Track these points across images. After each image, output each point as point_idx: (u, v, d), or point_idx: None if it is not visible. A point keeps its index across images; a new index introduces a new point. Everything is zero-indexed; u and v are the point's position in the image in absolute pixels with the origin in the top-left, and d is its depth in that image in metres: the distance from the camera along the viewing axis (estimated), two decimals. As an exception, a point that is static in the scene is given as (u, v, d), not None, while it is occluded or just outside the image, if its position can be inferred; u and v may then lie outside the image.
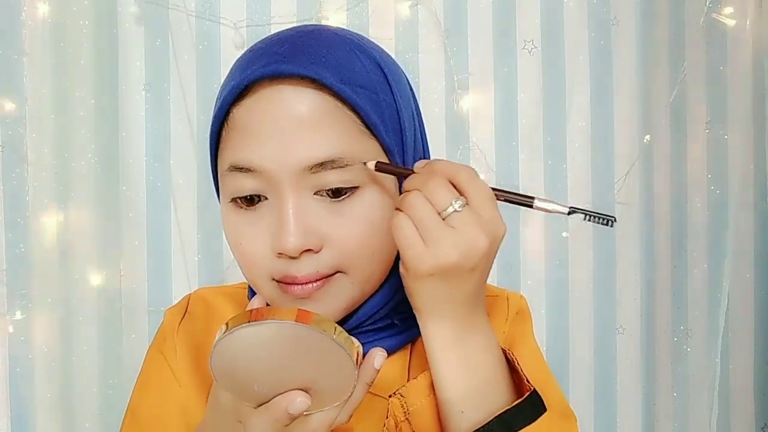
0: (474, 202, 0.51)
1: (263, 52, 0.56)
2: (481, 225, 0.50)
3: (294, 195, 0.54)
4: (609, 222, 0.54)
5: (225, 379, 0.49)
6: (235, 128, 0.55)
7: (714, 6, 1.35)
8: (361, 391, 0.51)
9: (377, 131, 0.55)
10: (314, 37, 0.57)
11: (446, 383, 0.55)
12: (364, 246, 0.55)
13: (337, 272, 0.56)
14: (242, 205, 0.56)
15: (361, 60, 0.57)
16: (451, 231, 0.50)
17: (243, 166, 0.54)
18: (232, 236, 0.58)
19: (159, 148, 1.26)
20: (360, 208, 0.55)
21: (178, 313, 0.69)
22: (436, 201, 0.51)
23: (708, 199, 1.39)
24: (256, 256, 0.56)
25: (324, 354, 0.47)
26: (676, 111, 1.36)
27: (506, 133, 1.33)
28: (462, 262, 0.50)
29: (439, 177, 0.51)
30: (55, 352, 1.22)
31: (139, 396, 0.67)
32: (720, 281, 1.39)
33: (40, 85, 1.21)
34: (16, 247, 1.21)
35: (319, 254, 0.55)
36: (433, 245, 0.50)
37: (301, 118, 0.53)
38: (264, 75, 0.53)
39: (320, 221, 0.54)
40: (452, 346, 0.54)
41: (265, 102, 0.54)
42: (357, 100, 0.54)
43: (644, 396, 1.38)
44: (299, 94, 0.53)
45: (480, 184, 0.52)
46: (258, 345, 0.46)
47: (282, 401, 0.48)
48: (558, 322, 1.35)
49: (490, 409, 0.54)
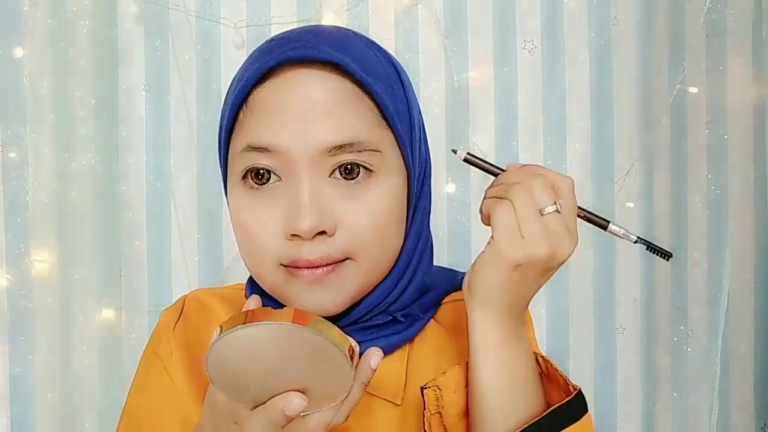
0: (565, 211, 0.54)
1: (287, 39, 0.57)
2: (569, 233, 0.54)
3: (310, 177, 0.55)
4: (667, 257, 0.59)
5: (221, 381, 0.49)
6: (255, 109, 0.56)
7: (714, 6, 1.35)
8: (358, 391, 0.51)
9: (393, 122, 0.57)
10: (334, 30, 0.60)
11: (491, 381, 0.56)
12: (376, 230, 0.56)
13: (346, 258, 0.56)
14: (253, 184, 0.56)
15: (377, 55, 0.59)
16: (547, 229, 0.53)
17: (261, 146, 0.55)
18: (240, 219, 0.58)
19: (159, 148, 1.26)
20: (374, 193, 0.56)
21: (174, 314, 0.68)
22: (539, 199, 0.53)
23: (708, 199, 1.39)
24: (265, 239, 0.56)
25: (320, 355, 0.47)
26: (676, 111, 1.36)
27: (506, 133, 1.33)
28: (548, 261, 0.53)
29: (544, 178, 0.54)
30: (56, 352, 1.22)
31: (135, 397, 0.66)
32: (720, 281, 1.39)
33: (40, 85, 1.21)
34: (16, 247, 1.22)
35: (332, 238, 0.55)
36: (529, 237, 0.53)
37: (323, 101, 0.54)
38: (290, 58, 0.55)
39: (335, 204, 0.55)
40: (503, 345, 0.56)
41: (289, 84, 0.55)
42: (377, 90, 0.56)
43: (644, 396, 1.38)
44: (322, 79, 0.55)
45: (573, 197, 0.55)
46: (254, 346, 0.46)
47: (279, 402, 0.48)
48: (558, 322, 1.35)
49: (530, 410, 0.56)
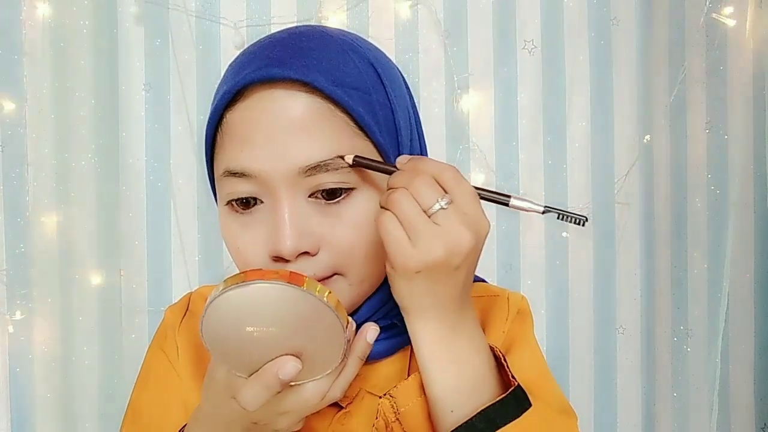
0: (458, 201, 0.51)
1: (255, 56, 0.56)
2: (466, 223, 0.51)
3: (289, 198, 0.54)
4: (581, 222, 0.55)
5: (217, 345, 0.49)
6: (228, 133, 0.55)
7: (714, 6, 1.35)
8: (354, 366, 0.51)
9: (371, 132, 0.55)
10: (306, 38, 0.57)
11: (434, 382, 0.55)
12: (360, 247, 0.55)
13: (334, 274, 0.56)
14: (238, 209, 0.56)
15: (354, 61, 0.57)
16: (437, 228, 0.50)
17: (237, 171, 0.54)
18: (229, 239, 0.58)
19: (159, 148, 1.26)
20: (355, 209, 0.55)
21: (180, 311, 0.69)
22: (422, 199, 0.51)
23: (708, 199, 1.39)
24: (253, 260, 0.56)
25: (314, 317, 0.47)
26: (676, 111, 1.36)
27: (506, 133, 1.33)
28: (448, 260, 0.51)
29: (425, 175, 0.51)
30: (55, 352, 1.22)
31: (141, 393, 0.67)
32: (720, 281, 1.39)
33: (40, 85, 1.21)
34: (16, 247, 1.22)
35: (316, 257, 0.55)
36: (419, 243, 0.50)
37: (293, 121, 0.53)
38: (255, 79, 0.54)
39: (315, 224, 0.55)
40: (440, 345, 0.55)
41: (258, 106, 0.54)
42: (349, 102, 0.54)
43: (644, 396, 1.38)
44: (291, 98, 0.54)
45: (464, 183, 0.52)
46: (247, 308, 0.46)
47: (272, 367, 0.48)
48: (558, 322, 1.35)
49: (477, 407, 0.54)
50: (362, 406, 0.60)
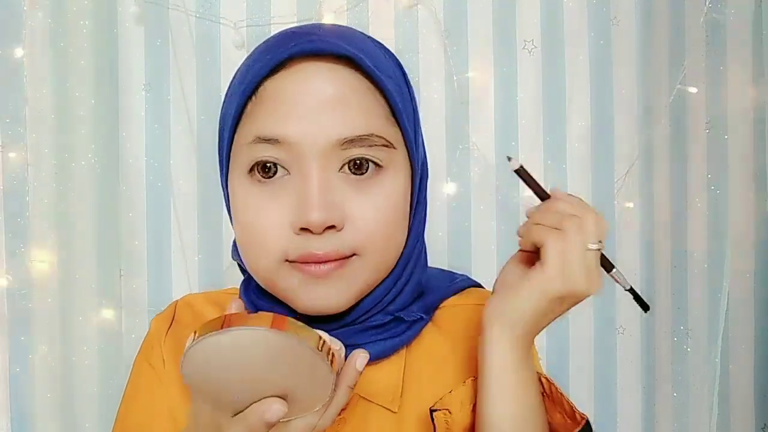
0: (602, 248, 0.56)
1: (299, 32, 0.57)
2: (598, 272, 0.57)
3: (319, 170, 0.54)
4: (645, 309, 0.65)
5: (199, 386, 0.48)
6: (265, 100, 0.56)
7: (714, 6, 1.35)
8: (344, 395, 0.50)
9: (401, 120, 0.57)
10: (342, 27, 0.60)
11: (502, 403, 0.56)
12: (384, 226, 0.56)
13: (353, 254, 0.56)
14: (260, 177, 0.56)
15: (385, 55, 0.60)
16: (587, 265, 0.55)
17: (271, 137, 0.54)
18: (244, 212, 0.57)
19: (159, 148, 1.26)
20: (382, 188, 0.56)
21: (165, 320, 0.68)
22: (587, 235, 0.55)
23: (708, 199, 1.39)
24: (272, 233, 0.55)
25: (300, 361, 0.46)
26: (676, 111, 1.36)
27: (506, 133, 1.33)
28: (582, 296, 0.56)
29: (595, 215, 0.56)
30: (56, 352, 1.22)
31: (128, 405, 0.66)
32: (720, 281, 1.38)
33: (40, 85, 1.21)
34: (16, 247, 1.22)
35: (340, 233, 0.55)
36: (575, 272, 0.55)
37: (335, 95, 0.54)
38: (304, 51, 0.55)
39: (344, 198, 0.55)
40: (518, 368, 0.57)
41: (301, 77, 0.55)
42: (389, 87, 0.56)
43: (644, 396, 1.38)
44: (335, 72, 0.55)
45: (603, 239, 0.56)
46: (229, 353, 0.45)
47: (258, 408, 0.47)
48: (558, 322, 1.34)
49: None
50: (357, 412, 0.60)
